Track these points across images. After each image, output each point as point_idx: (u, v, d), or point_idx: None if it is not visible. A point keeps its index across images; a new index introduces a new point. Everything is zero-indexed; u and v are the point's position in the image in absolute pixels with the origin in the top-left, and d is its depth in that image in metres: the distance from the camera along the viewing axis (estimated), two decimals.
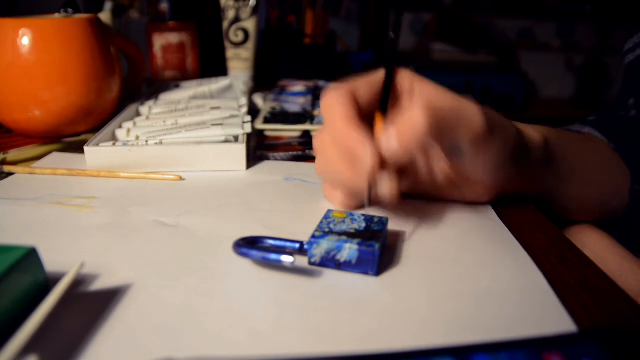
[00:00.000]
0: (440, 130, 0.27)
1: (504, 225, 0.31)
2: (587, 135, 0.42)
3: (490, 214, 0.33)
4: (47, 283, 0.23)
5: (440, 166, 0.32)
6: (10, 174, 0.39)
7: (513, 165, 0.32)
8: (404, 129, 0.26)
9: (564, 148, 0.36)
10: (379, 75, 0.31)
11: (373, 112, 0.30)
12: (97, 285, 0.24)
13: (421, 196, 0.35)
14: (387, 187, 0.27)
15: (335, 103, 0.28)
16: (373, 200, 0.29)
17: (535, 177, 0.35)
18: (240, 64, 0.66)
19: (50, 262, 0.24)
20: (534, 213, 0.34)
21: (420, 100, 0.28)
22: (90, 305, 0.22)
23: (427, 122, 0.25)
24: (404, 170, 0.31)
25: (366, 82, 0.30)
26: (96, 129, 0.49)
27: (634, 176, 0.39)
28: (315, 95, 0.61)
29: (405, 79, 0.30)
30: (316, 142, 0.31)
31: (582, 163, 0.38)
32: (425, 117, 0.25)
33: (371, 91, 0.30)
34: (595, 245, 0.39)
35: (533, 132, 0.34)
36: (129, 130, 0.44)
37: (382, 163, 0.26)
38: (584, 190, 0.38)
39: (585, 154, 0.39)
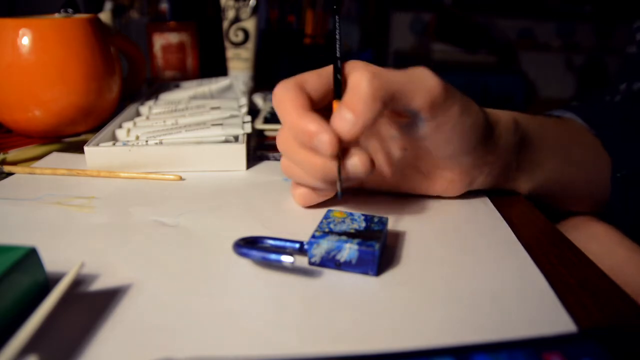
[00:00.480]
0: (392, 95, 0.26)
1: (506, 225, 0.31)
2: (565, 119, 0.41)
3: (493, 213, 0.33)
4: (47, 283, 0.23)
5: (399, 145, 0.31)
6: (10, 174, 0.39)
7: (480, 147, 0.31)
8: (351, 97, 0.26)
9: (538, 131, 0.35)
10: (327, 68, 0.30)
11: (328, 104, 0.30)
12: (97, 285, 0.24)
13: (390, 192, 0.35)
14: (355, 159, 0.27)
15: (284, 96, 0.28)
16: (345, 180, 0.28)
17: (507, 164, 0.34)
18: (240, 64, 0.66)
19: (50, 262, 0.24)
20: (533, 213, 0.34)
21: (360, 67, 0.29)
22: (90, 305, 0.22)
23: (368, 80, 0.25)
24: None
25: (314, 73, 0.30)
26: (96, 129, 0.49)
27: (615, 163, 0.38)
28: None
29: (355, 68, 0.29)
30: (278, 141, 0.30)
31: (558, 144, 0.37)
32: (365, 75, 0.25)
33: (320, 80, 0.29)
34: (602, 238, 0.39)
35: (502, 114, 0.33)
36: (129, 130, 0.44)
37: (341, 140, 0.26)
38: (564, 175, 0.37)
39: (561, 136, 0.38)
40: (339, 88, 0.29)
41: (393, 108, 0.27)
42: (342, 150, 0.27)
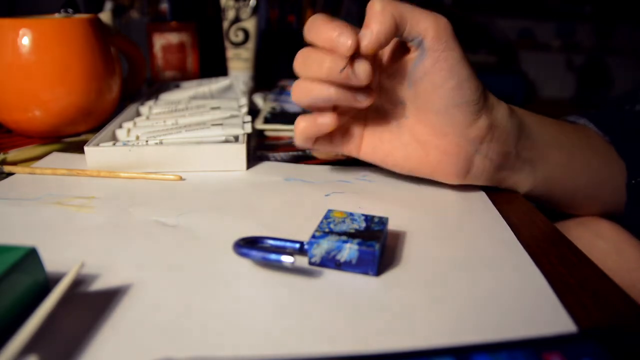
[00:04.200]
0: (402, 13, 0.29)
1: (506, 225, 0.31)
2: (577, 126, 0.41)
3: (493, 213, 0.33)
4: (47, 283, 0.23)
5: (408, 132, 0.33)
6: (10, 174, 0.39)
7: (473, 106, 0.32)
8: (367, 18, 0.29)
9: (536, 122, 0.36)
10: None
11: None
12: (97, 285, 0.24)
13: (385, 166, 0.36)
14: (362, 67, 0.29)
15: (315, 18, 0.30)
16: (347, 76, 0.30)
17: (505, 151, 0.34)
18: (240, 64, 0.66)
19: (50, 262, 0.24)
20: (533, 212, 0.34)
21: None
22: (90, 305, 0.22)
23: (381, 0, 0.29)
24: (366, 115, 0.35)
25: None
26: (96, 129, 0.49)
27: (630, 170, 0.38)
28: None
29: None
30: (298, 57, 0.33)
31: (560, 142, 0.37)
32: None
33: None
34: (609, 235, 0.38)
35: (496, 100, 0.34)
36: (129, 130, 0.44)
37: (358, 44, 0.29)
38: (567, 173, 0.37)
39: (563, 134, 0.37)
40: None
41: (401, 32, 0.30)
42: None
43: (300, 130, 0.34)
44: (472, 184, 0.36)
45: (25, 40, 0.44)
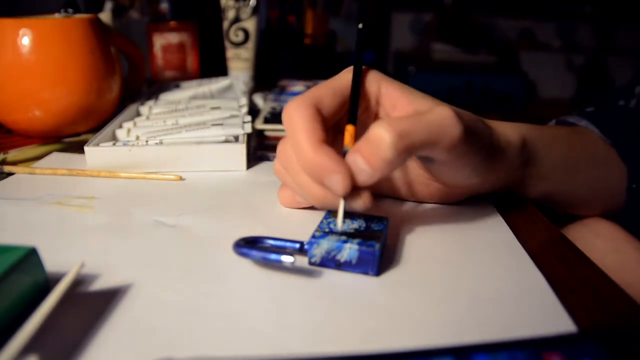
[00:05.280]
0: (413, 151, 0.25)
1: (505, 225, 0.31)
2: (577, 129, 0.41)
3: (493, 213, 0.33)
4: (47, 283, 0.23)
5: (411, 172, 0.32)
6: (10, 174, 0.39)
7: (485, 167, 0.30)
8: (370, 151, 0.24)
9: (546, 146, 0.35)
10: (342, 80, 0.29)
11: (340, 120, 0.29)
12: (97, 285, 0.24)
13: (390, 196, 0.35)
14: (359, 202, 0.25)
15: (299, 119, 0.26)
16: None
17: (511, 178, 0.34)
18: (240, 64, 0.65)
19: (50, 262, 0.24)
20: (534, 213, 0.34)
21: (386, 112, 0.29)
22: (90, 305, 0.22)
23: (392, 143, 0.24)
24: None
25: (330, 91, 0.28)
26: (96, 129, 0.49)
27: (631, 174, 0.38)
28: None
29: (373, 82, 0.29)
30: (280, 155, 0.29)
31: (566, 160, 0.36)
32: (389, 135, 0.24)
33: (335, 100, 0.28)
34: (608, 234, 0.38)
35: (510, 132, 0.33)
36: (129, 130, 0.44)
37: (353, 183, 0.25)
38: (569, 187, 0.37)
39: (571, 151, 0.37)
40: (354, 113, 0.28)
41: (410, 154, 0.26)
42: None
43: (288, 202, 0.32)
44: None
45: (25, 40, 0.44)
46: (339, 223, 0.25)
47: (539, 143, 0.35)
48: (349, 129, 0.27)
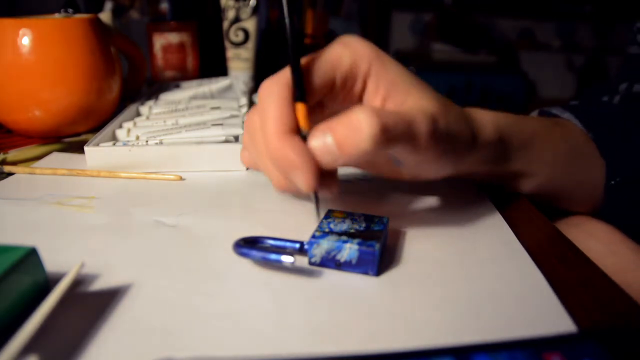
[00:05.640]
0: (390, 144, 0.24)
1: (506, 225, 0.31)
2: (559, 121, 0.40)
3: (493, 213, 0.33)
4: (47, 283, 0.23)
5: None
6: (10, 174, 0.39)
7: (452, 162, 0.29)
8: (346, 134, 0.22)
9: (523, 140, 0.34)
10: (332, 54, 0.26)
11: (324, 97, 0.27)
12: (97, 285, 0.24)
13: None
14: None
15: (271, 103, 0.24)
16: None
17: (484, 169, 0.33)
18: (240, 64, 0.65)
19: (50, 262, 0.24)
20: (533, 212, 0.34)
21: (369, 98, 0.26)
22: (90, 305, 0.22)
23: (372, 134, 0.22)
24: None
25: (314, 67, 0.26)
26: (96, 129, 0.49)
27: (609, 170, 0.37)
28: None
29: (363, 59, 0.27)
30: (248, 120, 0.27)
31: (546, 154, 0.36)
32: (370, 124, 0.22)
33: (318, 78, 0.26)
34: (603, 236, 0.38)
35: (486, 129, 0.31)
36: (129, 130, 0.44)
37: (320, 173, 0.24)
38: (546, 181, 0.36)
39: (550, 144, 0.36)
40: (301, 88, 0.25)
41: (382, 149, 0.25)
42: None
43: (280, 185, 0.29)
44: (470, 183, 0.36)
45: (25, 40, 0.44)
46: (316, 214, 0.26)
47: (515, 137, 0.34)
48: (299, 108, 0.25)
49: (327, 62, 0.26)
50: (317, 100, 0.27)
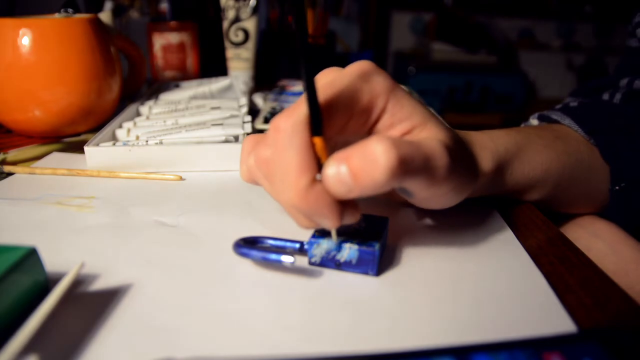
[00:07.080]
0: (407, 176, 0.23)
1: (505, 225, 0.31)
2: (560, 131, 0.38)
3: (493, 213, 0.33)
4: (47, 283, 0.23)
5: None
6: (10, 174, 0.39)
7: (458, 193, 0.28)
8: (362, 165, 0.21)
9: (521, 167, 0.33)
10: (342, 84, 0.25)
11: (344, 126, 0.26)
12: (97, 285, 0.24)
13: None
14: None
15: (292, 152, 0.22)
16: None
17: (484, 193, 0.33)
18: (240, 64, 0.65)
19: (50, 262, 0.24)
20: (533, 212, 0.34)
21: (382, 129, 0.26)
22: (90, 305, 0.22)
23: (389, 167, 0.21)
24: None
25: (329, 104, 0.24)
26: (96, 129, 0.49)
27: (613, 174, 0.37)
28: None
29: (381, 95, 0.26)
30: (261, 161, 0.25)
31: (547, 174, 0.35)
32: (388, 159, 0.21)
33: (338, 116, 0.24)
34: (606, 236, 0.38)
35: (485, 160, 0.31)
36: (129, 130, 0.44)
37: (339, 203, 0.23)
38: (549, 195, 0.36)
39: (551, 163, 0.35)
40: (319, 122, 0.23)
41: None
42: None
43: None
44: None
45: (25, 40, 0.44)
46: (334, 238, 0.25)
47: (515, 164, 0.33)
48: (318, 143, 0.23)
49: (347, 98, 0.25)
50: (332, 135, 0.26)
